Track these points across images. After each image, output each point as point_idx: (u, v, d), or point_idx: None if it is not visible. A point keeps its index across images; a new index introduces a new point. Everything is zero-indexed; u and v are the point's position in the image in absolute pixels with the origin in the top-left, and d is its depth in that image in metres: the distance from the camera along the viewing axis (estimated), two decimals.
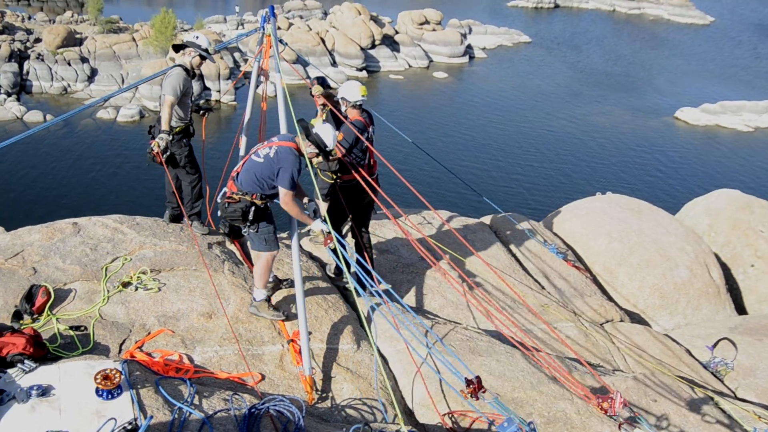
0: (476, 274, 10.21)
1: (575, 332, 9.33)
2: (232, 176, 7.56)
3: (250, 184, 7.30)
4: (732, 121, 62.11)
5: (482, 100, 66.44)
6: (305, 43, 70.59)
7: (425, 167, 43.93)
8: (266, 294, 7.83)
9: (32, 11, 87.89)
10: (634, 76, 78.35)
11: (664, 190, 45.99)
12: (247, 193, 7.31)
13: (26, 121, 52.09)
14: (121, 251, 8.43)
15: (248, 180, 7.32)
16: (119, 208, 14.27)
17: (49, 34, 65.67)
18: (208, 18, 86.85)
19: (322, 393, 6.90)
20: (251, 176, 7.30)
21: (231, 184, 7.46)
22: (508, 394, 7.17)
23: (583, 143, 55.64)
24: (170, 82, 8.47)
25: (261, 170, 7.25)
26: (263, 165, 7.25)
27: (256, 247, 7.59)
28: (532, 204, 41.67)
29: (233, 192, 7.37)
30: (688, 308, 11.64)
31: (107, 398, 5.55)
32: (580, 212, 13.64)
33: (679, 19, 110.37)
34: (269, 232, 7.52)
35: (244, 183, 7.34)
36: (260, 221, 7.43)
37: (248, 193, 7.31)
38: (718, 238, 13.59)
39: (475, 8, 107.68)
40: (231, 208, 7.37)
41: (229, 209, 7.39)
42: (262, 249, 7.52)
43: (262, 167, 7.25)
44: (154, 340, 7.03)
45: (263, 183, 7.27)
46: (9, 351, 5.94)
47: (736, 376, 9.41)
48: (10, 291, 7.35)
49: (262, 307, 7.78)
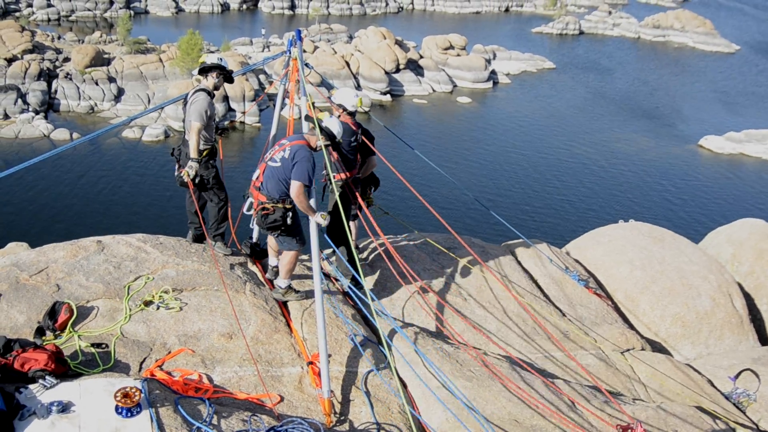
0: (497, 300, 10.17)
1: (595, 360, 9.25)
2: (255, 186, 7.93)
3: (277, 190, 7.72)
4: (757, 150, 61.65)
5: (505, 125, 66.48)
6: (330, 66, 71.13)
7: (447, 191, 43.98)
8: (289, 282, 8.45)
9: (62, 31, 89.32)
10: (658, 103, 78.11)
11: (687, 219, 45.70)
12: (279, 200, 7.71)
13: (53, 139, 52.73)
14: (144, 270, 8.48)
15: (274, 186, 7.74)
16: (143, 227, 14.39)
17: (78, 54, 66.69)
18: (235, 40, 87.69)
19: (341, 416, 6.88)
20: (275, 181, 7.73)
21: (257, 194, 7.85)
22: (527, 421, 7.12)
23: (606, 170, 55.46)
24: (196, 108, 8.51)
25: (281, 173, 7.70)
26: (281, 168, 7.69)
27: (287, 247, 8.11)
28: (553, 230, 41.52)
29: (264, 202, 7.76)
30: (710, 338, 11.51)
31: (126, 416, 5.57)
32: (602, 239, 13.56)
33: (703, 47, 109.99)
34: (300, 232, 8.05)
35: (272, 190, 7.74)
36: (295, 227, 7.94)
37: (279, 199, 7.71)
38: (741, 268, 13.45)
39: (499, 34, 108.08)
40: (270, 218, 7.79)
41: (269, 220, 7.79)
42: (294, 248, 8.14)
43: (281, 170, 7.69)
44: (174, 359, 7.06)
45: (283, 185, 7.70)
46: (31, 367, 5.99)
47: (759, 407, 9.28)
48: (33, 307, 7.41)
49: (286, 293, 8.46)
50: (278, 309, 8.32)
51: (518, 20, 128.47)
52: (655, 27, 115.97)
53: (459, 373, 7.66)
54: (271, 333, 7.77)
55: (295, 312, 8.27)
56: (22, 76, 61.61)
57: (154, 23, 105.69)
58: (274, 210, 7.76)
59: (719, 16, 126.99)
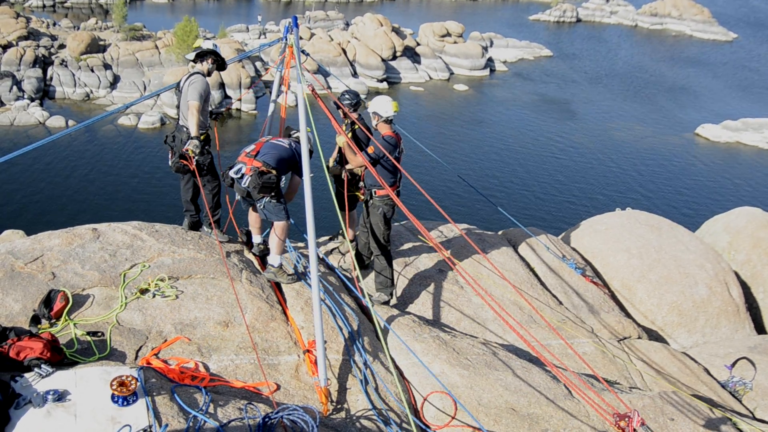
0: (494, 288, 10.17)
1: (592, 349, 9.26)
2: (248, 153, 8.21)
3: (274, 160, 8.07)
4: (754, 138, 61.60)
5: (502, 113, 66.37)
6: (327, 53, 70.82)
7: (444, 179, 43.94)
8: (281, 260, 8.57)
9: (57, 17, 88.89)
10: (655, 91, 78.02)
11: (684, 207, 45.70)
12: (274, 168, 8.02)
13: (49, 127, 52.48)
14: (140, 258, 8.46)
15: (272, 156, 8.08)
16: (139, 215, 14.37)
17: (73, 41, 66.29)
18: (231, 27, 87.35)
19: (337, 404, 6.87)
20: (276, 153, 8.14)
21: (251, 161, 8.07)
22: (524, 409, 7.13)
23: (603, 158, 55.41)
24: (195, 88, 8.60)
25: (285, 151, 8.24)
26: (287, 149, 8.26)
27: (275, 217, 8.21)
28: (550, 218, 41.51)
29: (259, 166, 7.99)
30: (706, 326, 11.54)
31: (123, 405, 5.56)
32: (599, 228, 13.57)
33: (701, 35, 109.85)
34: (285, 203, 8.27)
35: (270, 159, 8.05)
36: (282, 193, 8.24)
37: (274, 168, 8.03)
38: (738, 256, 13.47)
39: (497, 21, 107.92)
40: (266, 176, 7.92)
41: (264, 177, 7.90)
42: (282, 218, 8.24)
43: (286, 149, 8.25)
44: (170, 348, 7.04)
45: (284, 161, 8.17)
46: (26, 355, 5.97)
47: (755, 396, 9.31)
48: (28, 295, 7.38)
49: (278, 272, 8.54)
50: (275, 297, 8.30)
51: (515, 7, 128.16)
52: (653, 15, 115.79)
53: (456, 361, 7.66)
54: (268, 321, 7.75)
55: (291, 300, 8.25)
56: (17, 63, 61.24)
57: (149, 10, 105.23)
58: (268, 171, 7.97)
59: (717, 4, 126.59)
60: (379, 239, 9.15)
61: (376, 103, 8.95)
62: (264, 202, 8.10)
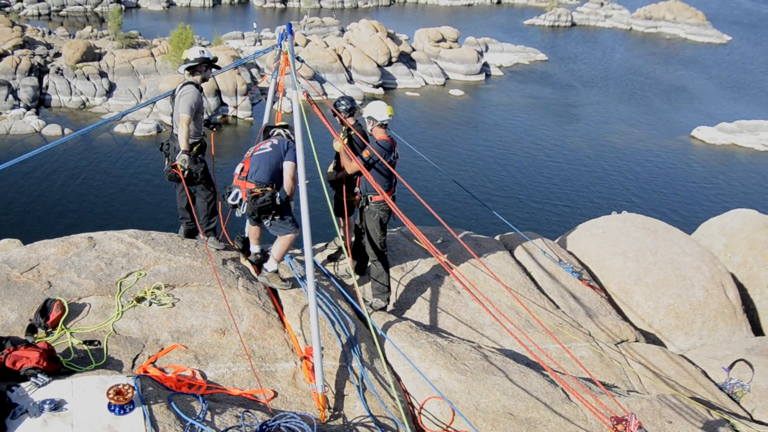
0: (491, 293, 10.16)
1: (590, 352, 9.26)
2: (240, 176, 8.17)
3: (266, 173, 8.05)
4: (749, 141, 61.80)
5: (498, 117, 66.50)
6: (322, 59, 70.98)
7: (440, 184, 43.97)
8: (277, 266, 8.56)
9: (53, 26, 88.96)
10: (650, 94, 78.22)
11: (680, 210, 45.79)
12: (267, 184, 8.00)
13: (45, 135, 52.53)
14: (136, 266, 8.45)
15: (263, 170, 8.06)
16: (135, 223, 14.35)
17: (69, 49, 66.35)
18: (226, 34, 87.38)
19: (335, 411, 6.86)
20: (265, 165, 8.08)
21: (243, 183, 8.07)
22: (522, 414, 7.12)
23: (598, 162, 55.53)
24: (185, 100, 8.55)
25: (272, 156, 8.14)
26: (272, 152, 8.16)
27: (283, 232, 8.25)
28: (546, 222, 41.56)
29: (252, 189, 7.99)
30: (703, 329, 11.54)
31: (119, 413, 5.55)
32: (595, 231, 13.57)
33: (696, 38, 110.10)
34: (291, 213, 8.24)
35: (260, 175, 8.04)
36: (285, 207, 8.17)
37: (268, 183, 8.01)
38: (734, 259, 13.48)
39: (492, 26, 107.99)
40: (260, 199, 7.94)
41: (259, 200, 7.93)
42: (290, 231, 8.28)
43: (272, 154, 8.15)
44: (167, 356, 7.03)
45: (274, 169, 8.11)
46: (22, 365, 5.95)
47: (753, 398, 9.30)
48: (24, 304, 7.37)
49: (272, 277, 8.55)
50: (271, 304, 8.29)
51: (510, 12, 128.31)
52: (647, 18, 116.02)
53: (453, 366, 7.65)
54: (264, 328, 7.74)
55: (288, 307, 8.25)
56: (12, 71, 61.27)
57: (145, 17, 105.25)
58: (263, 192, 7.95)
59: (711, 7, 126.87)
60: (376, 245, 9.15)
61: (371, 108, 8.99)
62: (269, 221, 8.18)
